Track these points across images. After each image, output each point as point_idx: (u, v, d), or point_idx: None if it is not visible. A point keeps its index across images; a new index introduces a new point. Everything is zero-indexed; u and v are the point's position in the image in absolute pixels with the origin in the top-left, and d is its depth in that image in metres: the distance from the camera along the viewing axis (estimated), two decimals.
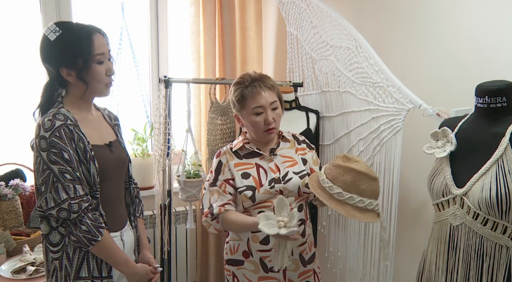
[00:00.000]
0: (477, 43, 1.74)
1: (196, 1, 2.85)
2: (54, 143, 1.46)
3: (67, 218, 1.48)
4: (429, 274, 1.53)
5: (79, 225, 1.49)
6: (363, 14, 2.29)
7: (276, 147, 1.92)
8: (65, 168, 1.47)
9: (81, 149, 1.51)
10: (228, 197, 1.84)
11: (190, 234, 3.02)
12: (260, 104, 1.81)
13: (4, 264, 2.11)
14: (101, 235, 1.52)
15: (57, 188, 1.47)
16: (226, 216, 1.81)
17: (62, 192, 1.47)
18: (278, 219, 1.61)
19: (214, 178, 1.88)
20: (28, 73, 2.64)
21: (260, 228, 1.59)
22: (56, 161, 1.47)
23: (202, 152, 2.83)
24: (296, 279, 1.90)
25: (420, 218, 2.05)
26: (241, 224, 1.79)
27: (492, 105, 1.40)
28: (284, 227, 1.59)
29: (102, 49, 1.55)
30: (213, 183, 1.88)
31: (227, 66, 3.01)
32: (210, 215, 1.84)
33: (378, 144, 2.02)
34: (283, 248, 1.68)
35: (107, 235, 1.55)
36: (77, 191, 1.48)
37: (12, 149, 2.66)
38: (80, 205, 1.48)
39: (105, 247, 1.54)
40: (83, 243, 1.51)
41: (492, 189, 1.31)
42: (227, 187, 1.85)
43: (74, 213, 1.47)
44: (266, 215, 1.63)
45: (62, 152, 1.47)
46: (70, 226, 1.49)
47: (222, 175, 1.87)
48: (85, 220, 1.49)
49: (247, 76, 1.86)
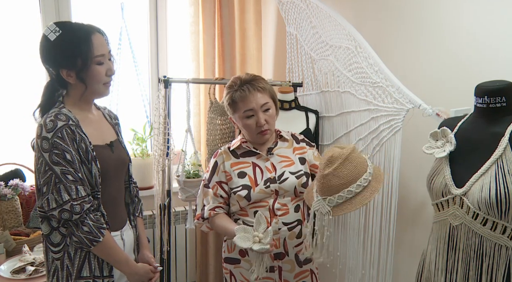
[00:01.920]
0: (477, 43, 1.74)
1: (195, 1, 2.85)
2: (56, 143, 1.46)
3: (69, 219, 1.48)
4: (429, 274, 1.53)
5: (81, 226, 1.49)
6: (363, 14, 2.29)
7: (274, 146, 1.92)
8: (67, 168, 1.47)
9: (83, 149, 1.51)
10: (219, 200, 1.89)
11: (190, 234, 3.02)
12: (250, 107, 1.82)
13: (4, 264, 2.11)
14: (102, 235, 1.52)
15: (59, 189, 1.47)
16: (213, 220, 1.87)
17: (64, 193, 1.47)
18: (254, 234, 1.66)
19: (209, 178, 1.91)
20: (28, 73, 2.64)
21: (234, 240, 1.67)
22: (58, 162, 1.46)
23: (202, 151, 2.83)
24: (292, 279, 1.90)
25: (419, 218, 2.05)
26: (223, 230, 1.85)
27: (491, 105, 1.40)
28: (259, 243, 1.65)
29: (102, 50, 1.54)
30: (207, 184, 1.91)
31: (227, 66, 3.01)
32: (201, 219, 1.91)
33: (377, 144, 2.02)
34: (260, 260, 1.73)
35: (108, 235, 1.55)
36: (79, 192, 1.48)
37: (11, 148, 2.66)
38: (82, 206, 1.48)
39: (106, 247, 1.55)
40: (85, 244, 1.51)
41: (491, 189, 1.31)
42: (218, 189, 1.89)
43: (76, 214, 1.47)
44: (245, 228, 1.68)
45: (65, 153, 1.47)
46: (71, 227, 1.50)
47: (216, 176, 1.89)
48: (86, 221, 1.49)
49: (237, 79, 1.86)
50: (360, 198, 1.59)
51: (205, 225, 1.93)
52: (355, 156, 1.62)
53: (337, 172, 1.59)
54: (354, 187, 1.58)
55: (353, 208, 1.59)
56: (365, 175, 1.60)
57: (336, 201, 1.60)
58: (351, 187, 1.59)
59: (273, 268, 1.86)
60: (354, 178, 1.59)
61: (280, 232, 1.81)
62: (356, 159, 1.62)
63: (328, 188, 1.61)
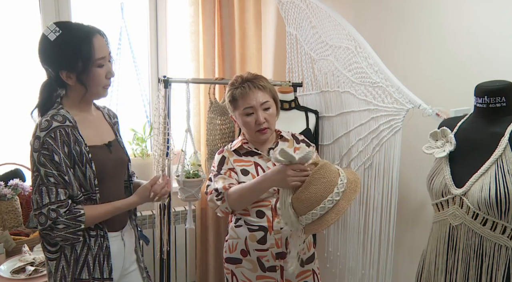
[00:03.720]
0: (477, 43, 1.74)
1: (195, 1, 2.85)
2: (47, 143, 1.45)
3: (44, 224, 1.47)
4: (429, 274, 1.53)
5: (55, 227, 1.47)
6: (362, 14, 2.29)
7: (274, 146, 1.93)
8: (51, 171, 1.46)
9: (77, 152, 1.50)
10: (233, 180, 1.84)
11: (190, 234, 3.02)
12: (250, 105, 1.82)
13: (4, 264, 2.11)
14: (81, 223, 1.50)
15: (41, 191, 1.46)
16: (231, 190, 1.79)
17: (46, 196, 1.46)
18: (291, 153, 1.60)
19: (217, 169, 1.89)
20: (28, 73, 2.64)
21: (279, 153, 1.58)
22: (44, 163, 1.46)
23: (202, 152, 2.83)
24: (294, 279, 1.90)
25: (419, 218, 2.05)
26: (247, 187, 1.75)
27: (491, 105, 1.40)
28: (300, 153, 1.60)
29: (103, 52, 1.53)
30: (217, 173, 1.88)
31: (227, 66, 3.01)
32: (215, 192, 1.82)
33: (377, 144, 2.02)
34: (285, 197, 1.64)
35: (87, 211, 1.51)
36: (59, 195, 1.47)
37: (11, 149, 2.65)
38: (57, 211, 1.46)
39: (94, 218, 1.54)
40: (71, 238, 1.50)
41: (491, 189, 1.31)
42: (232, 173, 1.86)
43: (50, 220, 1.46)
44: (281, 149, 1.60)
45: (53, 154, 1.46)
46: (48, 233, 1.48)
47: (226, 165, 1.88)
48: (59, 220, 1.47)
49: (239, 77, 1.87)
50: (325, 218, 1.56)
51: (219, 207, 1.81)
52: (318, 177, 1.57)
53: (300, 195, 1.58)
54: (318, 209, 1.55)
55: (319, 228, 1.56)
56: (330, 196, 1.56)
57: (305, 221, 1.59)
58: (314, 209, 1.56)
59: (274, 268, 1.86)
60: (316, 200, 1.56)
61: (282, 231, 1.81)
62: (320, 179, 1.57)
63: (297, 210, 1.60)
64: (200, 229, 2.99)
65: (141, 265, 1.80)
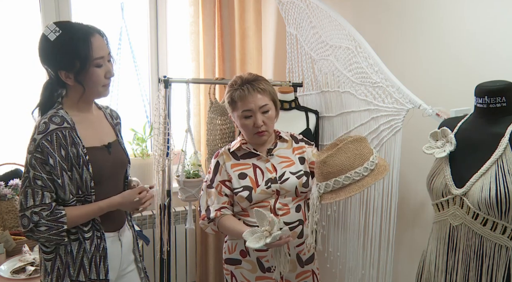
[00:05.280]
0: (477, 43, 1.74)
1: (195, 1, 2.85)
2: (42, 146, 1.45)
3: (26, 226, 1.46)
4: (429, 274, 1.53)
5: (36, 229, 1.46)
6: (363, 14, 2.29)
7: (273, 147, 1.92)
8: (40, 174, 1.46)
9: (74, 154, 1.50)
10: (224, 199, 1.86)
11: (190, 234, 3.02)
12: (248, 108, 1.81)
13: (4, 264, 2.11)
14: (63, 219, 1.48)
15: (26, 193, 1.47)
16: (222, 221, 1.83)
17: (30, 198, 1.46)
18: (262, 230, 1.64)
19: (211, 178, 1.89)
20: (28, 73, 2.64)
21: (247, 245, 1.63)
22: (34, 165, 1.46)
23: (202, 152, 2.83)
24: (293, 279, 1.90)
25: (419, 218, 2.05)
26: (232, 232, 1.82)
27: (491, 106, 1.40)
28: (269, 236, 1.62)
29: (101, 52, 1.53)
30: (210, 184, 1.89)
31: (227, 66, 3.01)
32: (207, 219, 1.86)
33: (377, 144, 2.02)
34: (279, 253, 1.72)
35: (69, 212, 1.50)
36: (44, 198, 1.47)
37: (11, 148, 2.65)
38: (40, 214, 1.46)
39: (76, 217, 1.52)
40: (55, 240, 1.49)
41: (491, 189, 1.31)
42: (223, 188, 1.86)
43: (32, 223, 1.46)
44: (251, 230, 1.66)
45: (48, 157, 1.46)
46: (30, 235, 1.47)
47: (219, 175, 1.88)
48: (40, 222, 1.46)
49: (238, 78, 1.86)
50: (347, 189, 1.57)
51: (210, 227, 1.88)
52: (352, 147, 1.60)
53: (328, 160, 1.59)
54: (342, 178, 1.57)
55: (337, 197, 1.57)
56: (358, 169, 1.58)
57: (324, 188, 1.60)
58: (339, 177, 1.57)
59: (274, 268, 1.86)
60: (343, 168, 1.57)
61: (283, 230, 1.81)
62: (353, 150, 1.60)
63: (319, 175, 1.62)
64: (200, 229, 2.98)
65: (140, 265, 1.80)
